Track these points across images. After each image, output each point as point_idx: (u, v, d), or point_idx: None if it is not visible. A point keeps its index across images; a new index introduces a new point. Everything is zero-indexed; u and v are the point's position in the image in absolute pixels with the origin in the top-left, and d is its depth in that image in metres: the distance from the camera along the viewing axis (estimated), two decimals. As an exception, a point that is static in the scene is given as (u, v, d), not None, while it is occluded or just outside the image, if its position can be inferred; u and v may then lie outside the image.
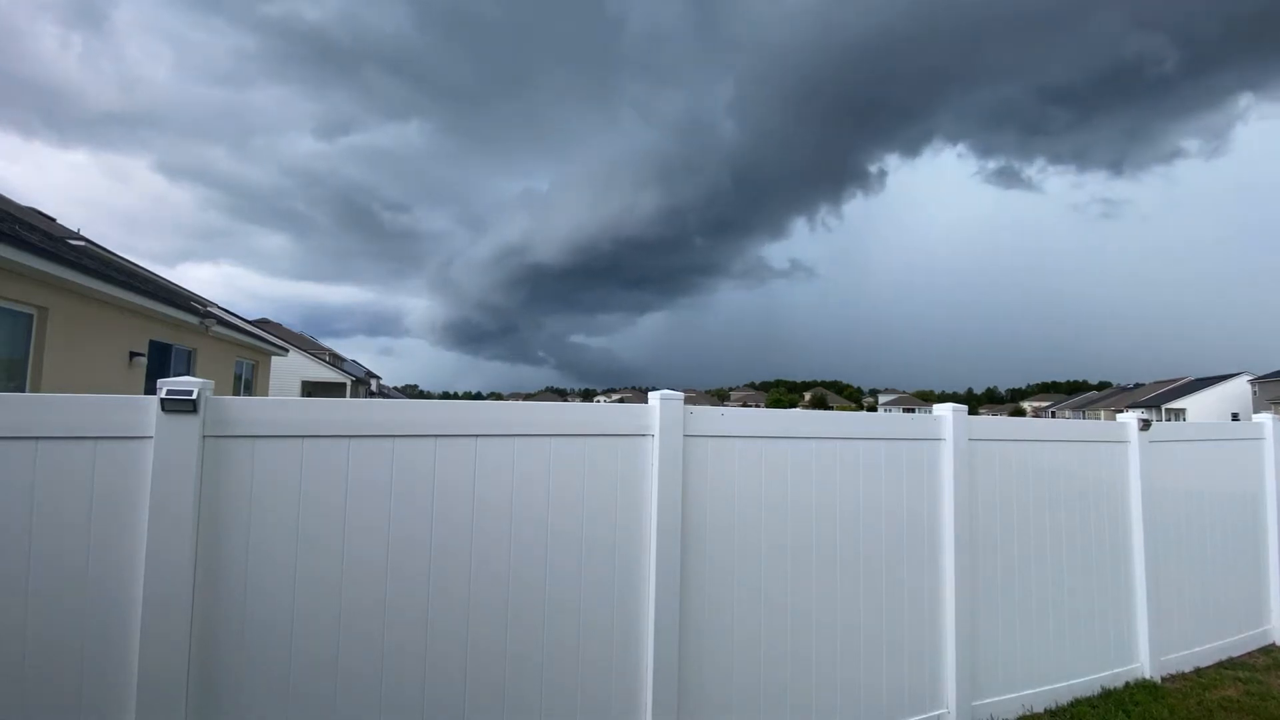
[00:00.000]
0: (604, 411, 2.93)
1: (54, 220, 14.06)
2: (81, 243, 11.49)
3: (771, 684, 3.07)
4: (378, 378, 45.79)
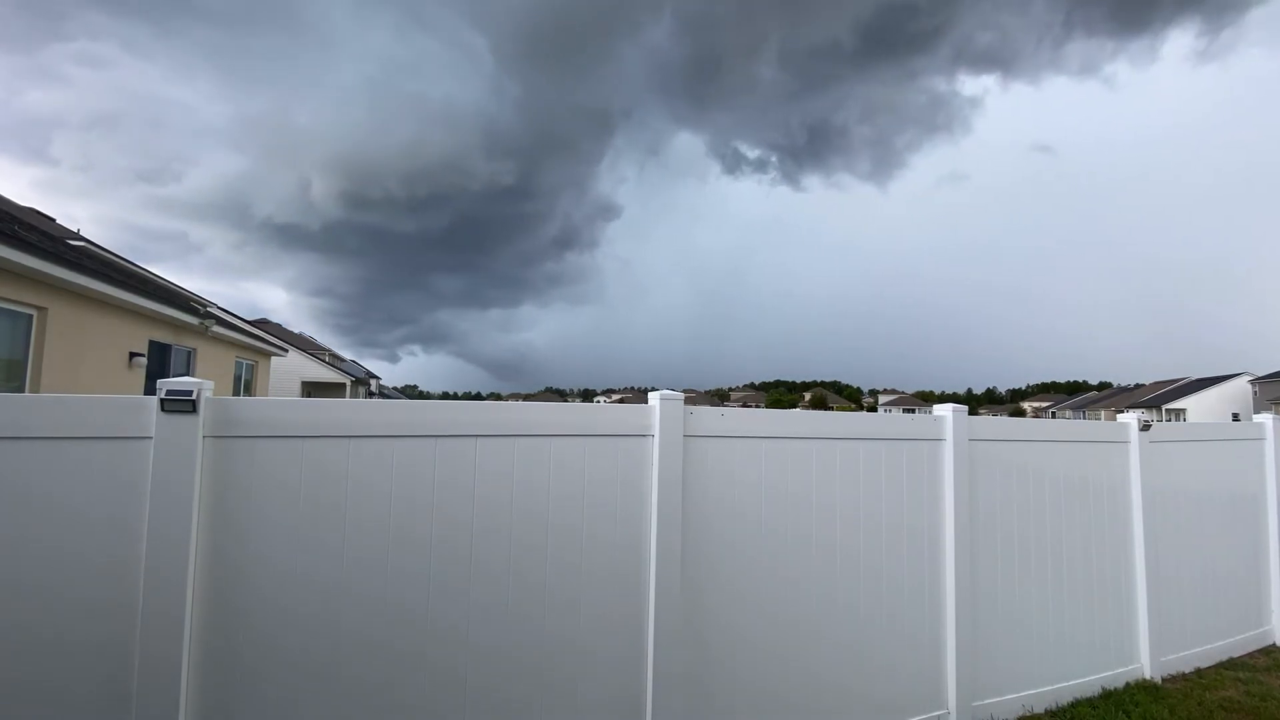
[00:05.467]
0: (604, 412, 2.93)
1: (53, 220, 14.05)
2: (81, 243, 11.47)
3: (774, 689, 3.07)
4: (377, 378, 45.78)
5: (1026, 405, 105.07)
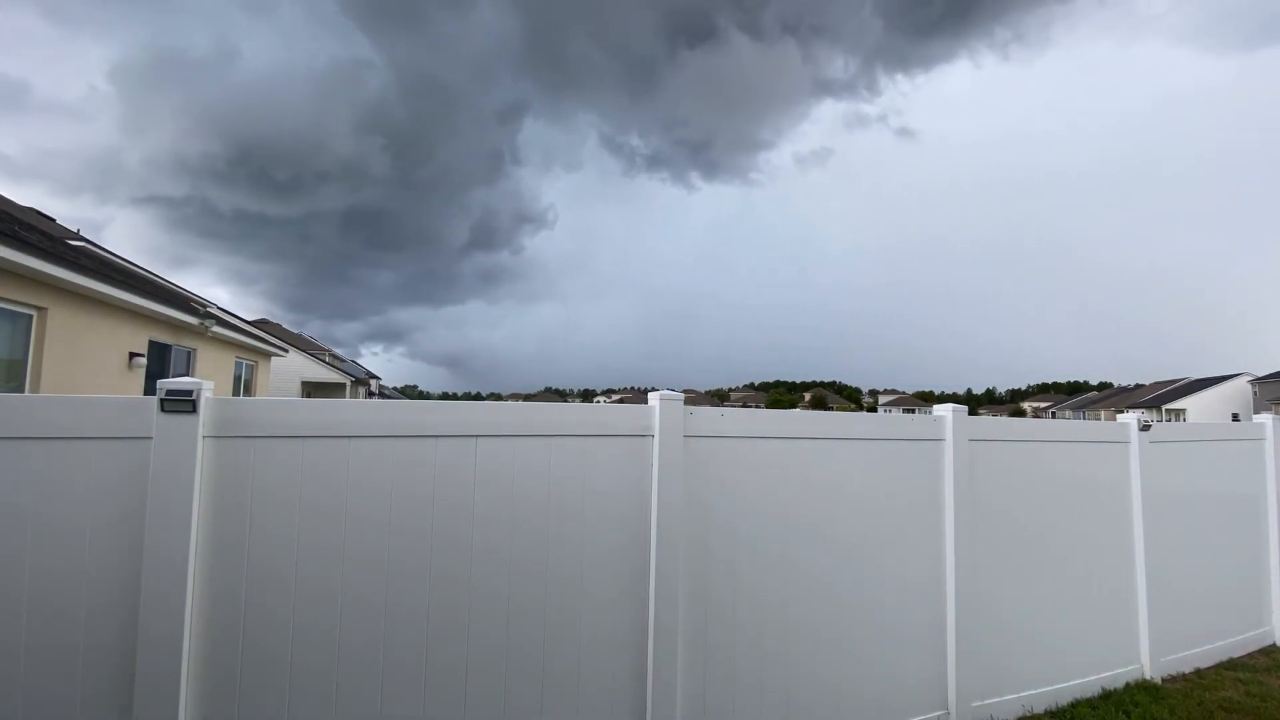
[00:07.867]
0: (604, 412, 2.93)
1: (53, 220, 14.05)
2: (80, 243, 11.47)
3: (774, 688, 3.07)
4: (377, 378, 45.80)
5: (1026, 405, 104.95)
